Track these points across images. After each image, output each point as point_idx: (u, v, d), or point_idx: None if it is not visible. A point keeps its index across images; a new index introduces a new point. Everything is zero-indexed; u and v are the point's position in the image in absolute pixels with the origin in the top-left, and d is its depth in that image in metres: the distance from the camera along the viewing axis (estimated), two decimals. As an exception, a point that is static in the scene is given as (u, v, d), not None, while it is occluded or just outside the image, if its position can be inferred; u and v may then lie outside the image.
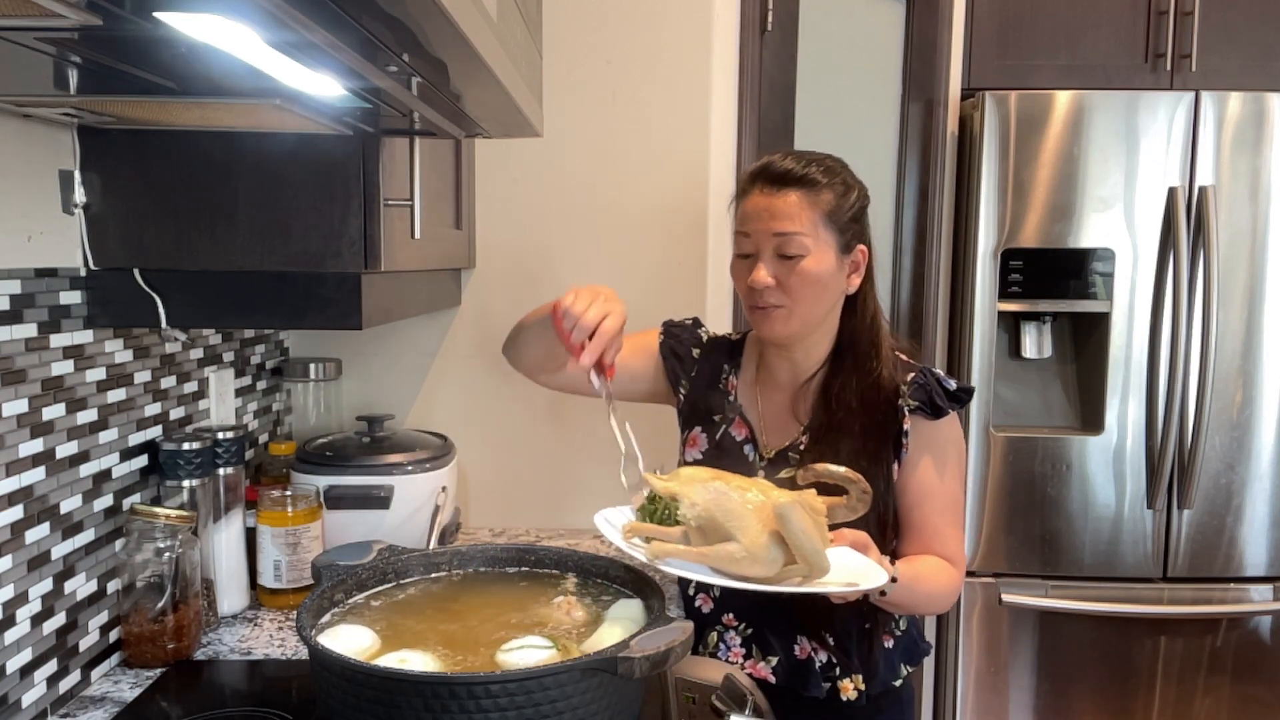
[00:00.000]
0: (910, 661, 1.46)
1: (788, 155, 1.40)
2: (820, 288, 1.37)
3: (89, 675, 1.31)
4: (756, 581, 1.14)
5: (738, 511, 1.14)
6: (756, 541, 1.12)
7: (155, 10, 0.64)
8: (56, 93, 1.01)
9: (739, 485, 1.18)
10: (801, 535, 1.10)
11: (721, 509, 1.14)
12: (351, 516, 1.63)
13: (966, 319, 2.39)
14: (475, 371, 2.07)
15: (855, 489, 1.20)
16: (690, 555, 1.15)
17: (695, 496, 1.16)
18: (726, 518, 1.13)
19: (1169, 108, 2.27)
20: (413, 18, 0.67)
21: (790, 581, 1.15)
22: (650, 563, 1.16)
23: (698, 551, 1.15)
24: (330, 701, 1.00)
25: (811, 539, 1.11)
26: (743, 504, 1.14)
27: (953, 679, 2.44)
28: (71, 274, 1.27)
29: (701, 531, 1.15)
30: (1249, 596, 2.38)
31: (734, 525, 1.13)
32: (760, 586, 1.15)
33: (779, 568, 1.13)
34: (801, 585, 1.15)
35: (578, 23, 1.97)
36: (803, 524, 1.10)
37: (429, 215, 1.53)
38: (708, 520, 1.14)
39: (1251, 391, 2.32)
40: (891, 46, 2.53)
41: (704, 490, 1.17)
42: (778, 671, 1.41)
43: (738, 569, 1.13)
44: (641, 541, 1.19)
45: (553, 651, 1.05)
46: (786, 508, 1.10)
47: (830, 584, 1.15)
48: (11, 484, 1.15)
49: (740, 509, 1.14)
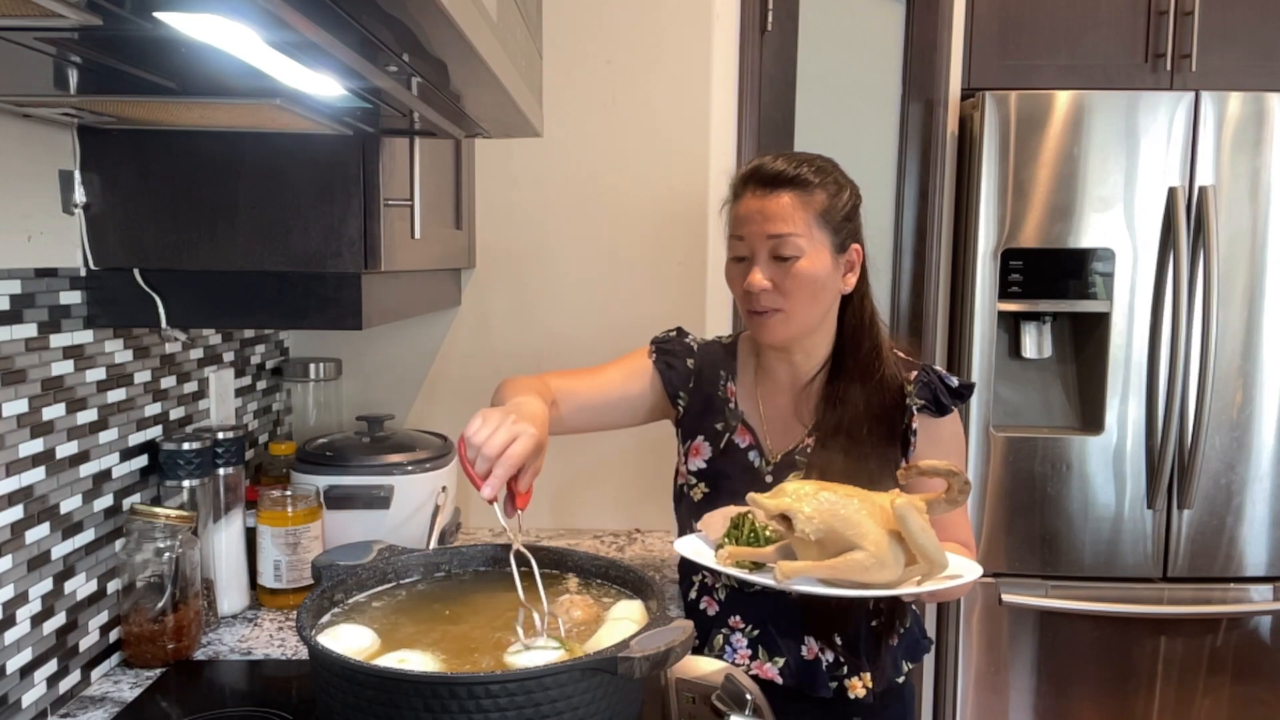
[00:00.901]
0: (912, 658, 1.46)
1: (778, 157, 1.39)
2: (817, 288, 1.36)
3: (89, 675, 1.31)
4: (882, 586, 1.15)
5: (855, 519, 1.14)
6: (881, 545, 1.13)
7: (155, 10, 0.64)
8: (56, 93, 1.01)
9: (845, 493, 1.18)
10: (921, 534, 1.12)
11: (839, 519, 1.14)
12: (351, 516, 1.63)
13: (966, 319, 2.39)
14: (475, 371, 2.07)
15: (957, 481, 1.20)
16: (818, 569, 1.16)
17: (809, 510, 1.16)
18: (846, 527, 1.14)
19: (1169, 108, 2.27)
20: (413, 18, 0.67)
21: (910, 582, 1.17)
22: (779, 585, 1.17)
23: (826, 565, 1.15)
24: (330, 701, 1.00)
25: (930, 536, 1.13)
26: (856, 511, 1.15)
27: (953, 679, 2.44)
28: (71, 274, 1.27)
29: (820, 545, 1.15)
30: (1249, 596, 2.38)
31: (854, 533, 1.13)
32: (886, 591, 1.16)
33: (902, 569, 1.15)
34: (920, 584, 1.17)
35: (578, 23, 1.97)
36: (921, 522, 1.12)
37: (429, 215, 1.53)
38: (827, 532, 1.14)
39: (1251, 391, 2.32)
40: (891, 46, 2.53)
41: (816, 503, 1.16)
42: (785, 672, 1.41)
43: (867, 576, 1.14)
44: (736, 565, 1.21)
45: (560, 652, 1.05)
46: (905, 507, 1.12)
47: (943, 580, 1.17)
48: (11, 484, 1.15)
49: (856, 516, 1.14)
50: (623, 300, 2.04)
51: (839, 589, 1.15)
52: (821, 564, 1.15)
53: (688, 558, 1.26)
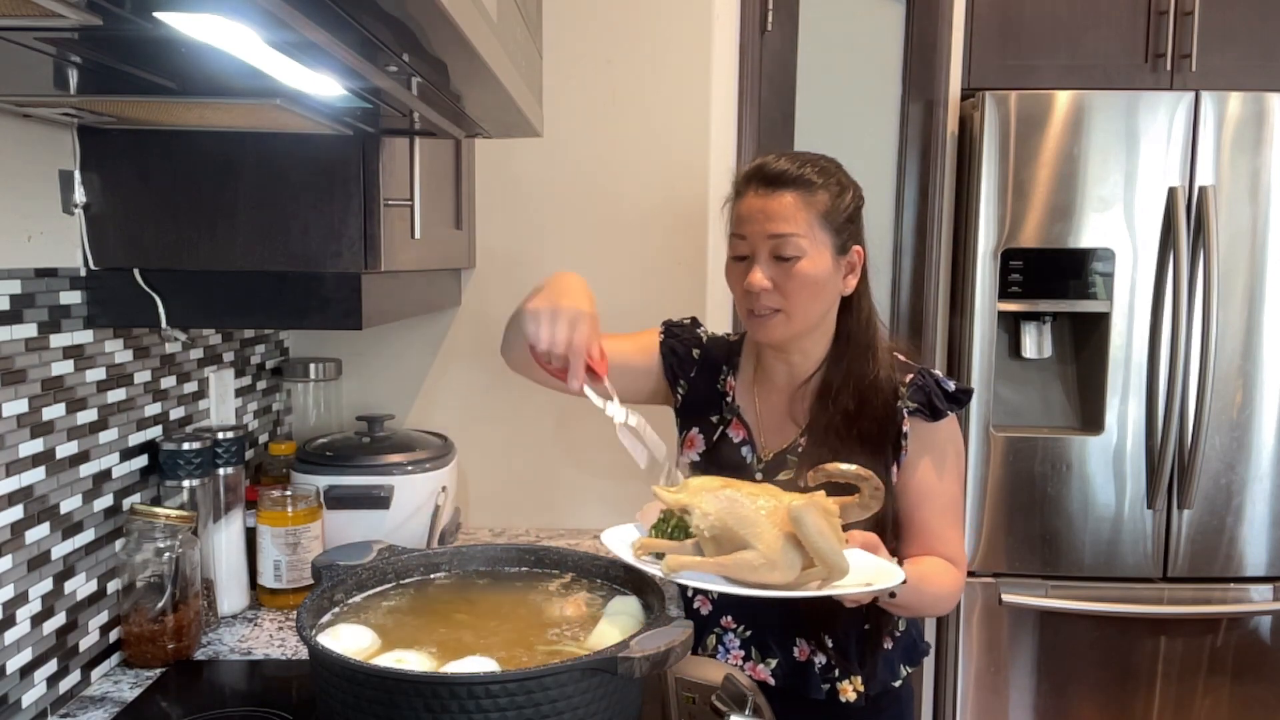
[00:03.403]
0: (909, 662, 1.46)
1: (781, 156, 1.39)
2: (817, 289, 1.36)
3: (89, 675, 1.31)
4: (775, 588, 1.13)
5: (751, 518, 1.12)
6: (773, 547, 1.11)
7: (155, 10, 0.64)
8: (56, 93, 1.01)
9: (750, 492, 1.17)
10: (818, 537, 1.10)
11: (735, 517, 1.13)
12: (351, 516, 1.63)
13: (966, 319, 2.39)
14: (475, 371, 2.07)
15: (867, 486, 1.19)
16: (707, 566, 1.14)
17: (707, 506, 1.15)
18: (741, 525, 1.12)
19: (1169, 108, 2.26)
20: (413, 18, 0.67)
21: (809, 586, 1.14)
22: (666, 577, 1.15)
23: (715, 562, 1.14)
24: (330, 701, 1.00)
25: (828, 539, 1.10)
26: (756, 510, 1.13)
27: (953, 679, 2.44)
28: (71, 274, 1.27)
29: (716, 541, 1.14)
30: (1249, 596, 2.38)
31: (749, 532, 1.12)
32: (778, 593, 1.14)
33: (797, 572, 1.12)
34: (820, 589, 1.14)
35: (578, 22, 1.97)
36: (818, 525, 1.10)
37: (429, 215, 1.53)
38: (722, 529, 1.13)
39: (1251, 391, 2.32)
40: (891, 46, 2.53)
41: (715, 499, 1.15)
42: (777, 673, 1.41)
43: (756, 576, 1.12)
44: (653, 557, 1.18)
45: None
46: (801, 509, 1.10)
47: (847, 586, 1.15)
48: (11, 484, 1.15)
49: (754, 515, 1.13)
50: (623, 300, 2.03)
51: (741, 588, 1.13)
52: (710, 560, 1.14)
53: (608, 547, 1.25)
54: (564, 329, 1.24)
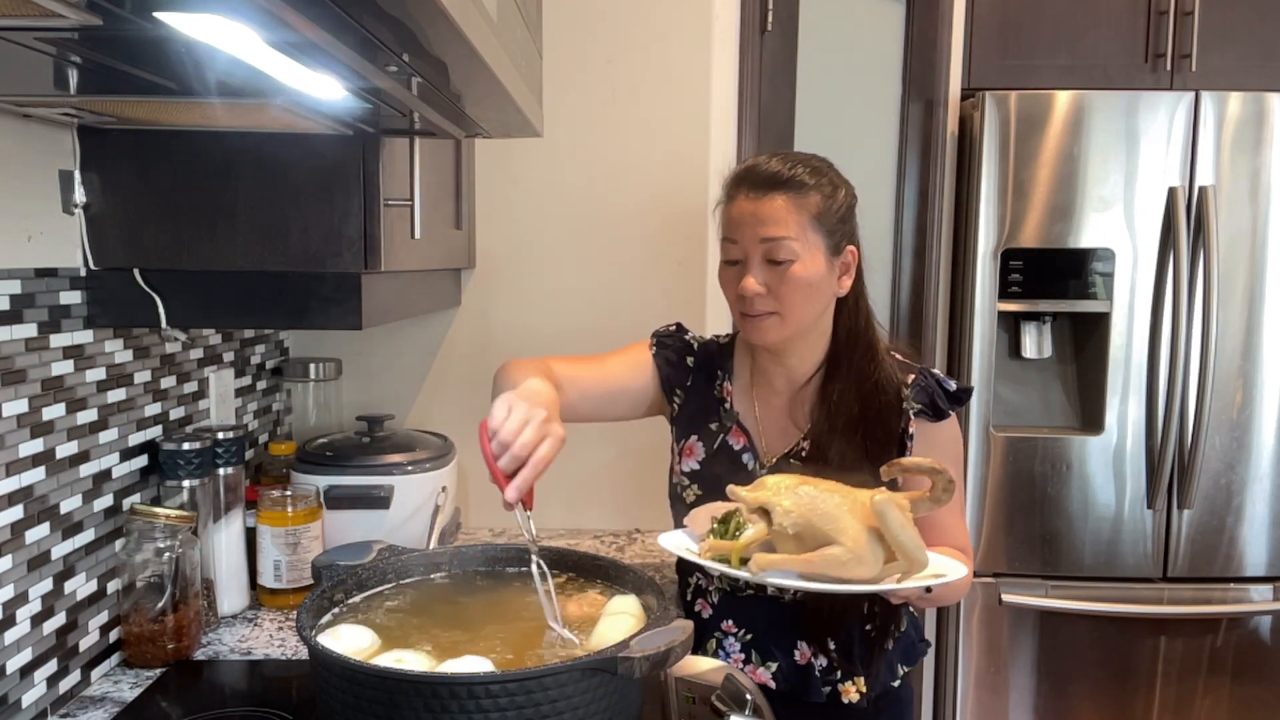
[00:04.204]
0: (908, 662, 1.46)
1: (773, 156, 1.37)
2: (811, 292, 1.35)
3: (89, 675, 1.31)
4: (859, 582, 1.14)
5: (834, 514, 1.13)
6: (859, 541, 1.12)
7: (155, 10, 0.64)
8: (56, 93, 1.01)
9: (827, 488, 1.17)
10: (900, 530, 1.11)
11: (817, 513, 1.13)
12: (351, 516, 1.63)
13: (966, 319, 2.39)
14: (475, 371, 2.06)
15: (941, 479, 1.18)
16: (794, 564, 1.14)
17: (788, 503, 1.14)
18: (824, 521, 1.12)
19: (1169, 108, 2.26)
20: (413, 18, 0.67)
21: (889, 579, 1.15)
22: (754, 578, 1.16)
23: (802, 559, 1.14)
24: (330, 701, 1.00)
25: (910, 532, 1.12)
26: (836, 505, 1.13)
27: (953, 679, 2.44)
28: (71, 274, 1.27)
29: (798, 538, 1.14)
30: (1249, 596, 2.38)
31: (833, 528, 1.12)
32: (861, 588, 1.15)
33: (880, 566, 1.13)
34: (900, 581, 1.16)
35: (578, 23, 1.97)
36: (901, 519, 1.11)
37: (429, 215, 1.52)
38: (805, 526, 1.13)
39: (1251, 391, 2.32)
40: (891, 46, 2.53)
41: (795, 496, 1.15)
42: (778, 676, 1.41)
43: (844, 571, 1.12)
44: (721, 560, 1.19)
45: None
46: (884, 504, 1.11)
47: (924, 578, 1.16)
48: (11, 484, 1.15)
49: (836, 511, 1.13)
50: (622, 300, 2.04)
51: (819, 584, 1.14)
52: (798, 558, 1.14)
53: (670, 550, 1.25)
54: (534, 434, 1.10)
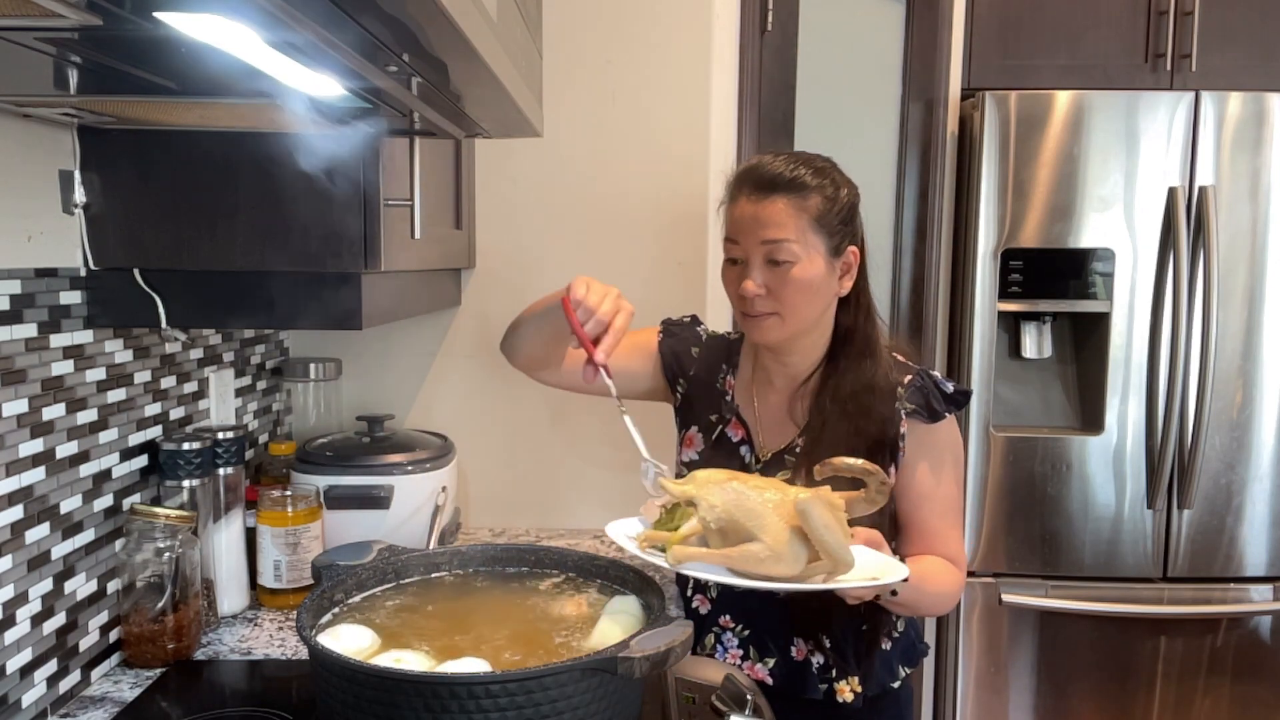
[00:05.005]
0: (908, 663, 1.46)
1: (776, 157, 1.38)
2: (811, 293, 1.35)
3: (89, 675, 1.31)
4: (781, 581, 1.13)
5: (758, 510, 1.13)
6: (779, 539, 1.11)
7: (155, 10, 0.64)
8: (56, 93, 1.01)
9: (756, 485, 1.17)
10: (824, 530, 1.10)
11: (742, 509, 1.13)
12: (351, 516, 1.63)
13: (966, 319, 2.39)
14: (475, 371, 2.07)
15: (874, 481, 1.19)
16: (713, 558, 1.14)
17: (714, 498, 1.15)
18: (747, 517, 1.12)
19: (1169, 108, 2.26)
20: (413, 18, 0.67)
21: (814, 579, 1.14)
22: (672, 569, 1.16)
23: (721, 554, 1.14)
24: (330, 701, 1.00)
25: (834, 533, 1.11)
26: (762, 503, 1.13)
27: (953, 679, 2.44)
28: (71, 274, 1.27)
29: (722, 533, 1.14)
30: (1249, 596, 2.38)
31: (755, 524, 1.12)
32: (785, 586, 1.14)
33: (803, 565, 1.12)
34: (825, 582, 1.15)
35: (578, 23, 1.97)
36: (825, 518, 1.10)
37: (429, 215, 1.53)
38: (728, 521, 1.13)
39: (1251, 391, 2.32)
40: (891, 46, 2.53)
41: (722, 491, 1.15)
42: (775, 673, 1.41)
43: (762, 569, 1.12)
44: (657, 549, 1.18)
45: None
46: (807, 503, 1.10)
47: (852, 580, 1.15)
48: (11, 484, 1.15)
49: (760, 508, 1.13)
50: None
51: (746, 580, 1.13)
52: (716, 552, 1.14)
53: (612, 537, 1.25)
54: (611, 304, 1.27)
